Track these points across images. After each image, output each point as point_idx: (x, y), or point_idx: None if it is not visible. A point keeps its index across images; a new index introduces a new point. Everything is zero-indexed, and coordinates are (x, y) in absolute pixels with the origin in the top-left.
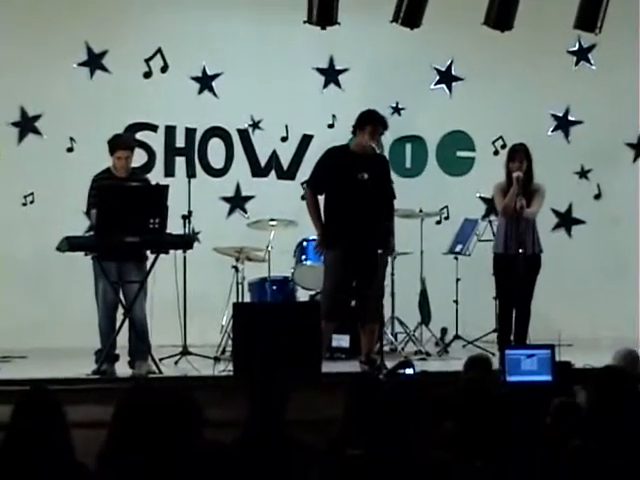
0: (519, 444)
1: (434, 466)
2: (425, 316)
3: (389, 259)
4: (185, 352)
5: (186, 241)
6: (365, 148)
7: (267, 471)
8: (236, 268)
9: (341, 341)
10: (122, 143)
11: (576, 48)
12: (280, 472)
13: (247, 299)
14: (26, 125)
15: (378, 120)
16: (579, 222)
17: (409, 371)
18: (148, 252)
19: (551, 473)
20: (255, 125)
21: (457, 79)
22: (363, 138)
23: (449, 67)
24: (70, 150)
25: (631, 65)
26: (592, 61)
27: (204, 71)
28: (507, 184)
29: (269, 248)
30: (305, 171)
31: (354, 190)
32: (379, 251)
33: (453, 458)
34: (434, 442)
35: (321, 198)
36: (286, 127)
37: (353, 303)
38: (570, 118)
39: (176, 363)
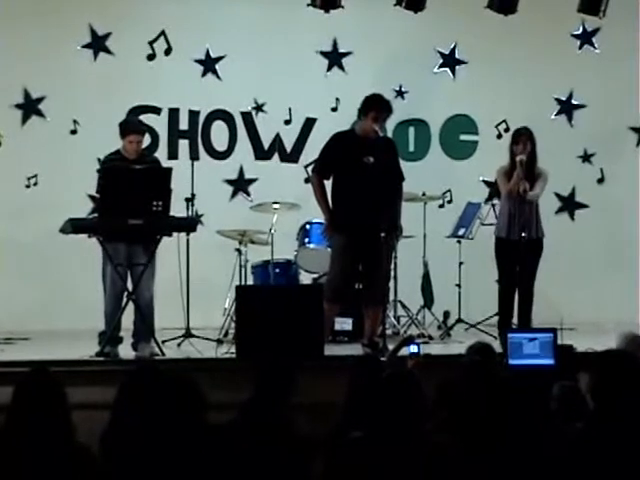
0: (521, 427)
1: (435, 449)
2: (428, 299)
3: (395, 242)
4: (188, 334)
5: (189, 224)
6: (368, 132)
7: (269, 454)
8: (239, 251)
9: (344, 324)
10: (135, 127)
11: (580, 32)
12: (282, 455)
13: (250, 282)
14: (29, 107)
15: (382, 105)
16: (582, 206)
17: (413, 348)
18: None
19: (553, 456)
20: (258, 108)
21: (460, 62)
22: (366, 122)
23: (452, 50)
24: (74, 132)
25: (635, 49)
26: (596, 45)
27: (207, 54)
28: (510, 167)
29: (272, 231)
30: (308, 154)
31: (360, 174)
32: (382, 234)
33: (455, 441)
34: (436, 425)
35: (327, 183)
36: (289, 110)
37: (358, 286)
38: (573, 102)
39: (179, 345)
